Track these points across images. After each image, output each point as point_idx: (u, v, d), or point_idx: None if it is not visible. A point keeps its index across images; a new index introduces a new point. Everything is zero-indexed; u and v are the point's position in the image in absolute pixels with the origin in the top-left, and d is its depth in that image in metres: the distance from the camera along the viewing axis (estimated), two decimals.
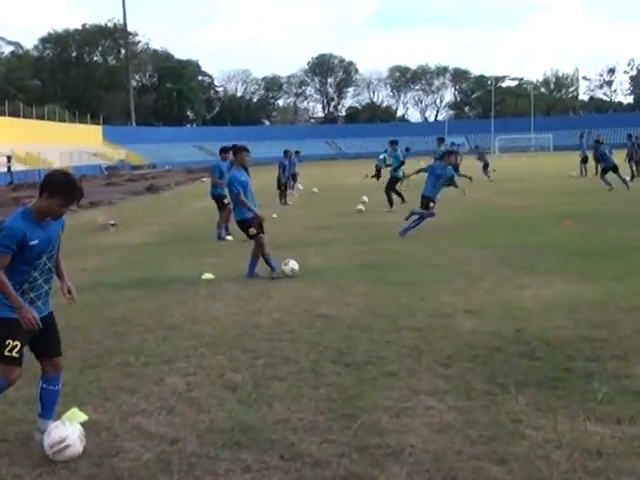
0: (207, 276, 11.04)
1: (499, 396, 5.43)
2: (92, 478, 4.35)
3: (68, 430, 4.61)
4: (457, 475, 4.19)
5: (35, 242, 4.62)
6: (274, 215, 21.05)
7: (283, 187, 26.75)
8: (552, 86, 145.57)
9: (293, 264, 11.00)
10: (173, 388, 5.93)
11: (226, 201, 15.40)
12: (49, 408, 4.96)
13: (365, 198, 24.11)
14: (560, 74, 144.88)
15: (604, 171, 26.69)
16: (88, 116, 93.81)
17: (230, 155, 15.21)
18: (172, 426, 5.10)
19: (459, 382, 5.82)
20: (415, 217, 15.62)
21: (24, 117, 78.01)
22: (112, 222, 20.32)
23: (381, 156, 35.81)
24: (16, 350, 4.65)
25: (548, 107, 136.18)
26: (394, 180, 23.14)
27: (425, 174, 16.05)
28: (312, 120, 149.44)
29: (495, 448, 4.52)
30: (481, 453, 4.46)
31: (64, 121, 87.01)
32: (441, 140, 30.64)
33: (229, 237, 15.89)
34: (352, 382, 5.91)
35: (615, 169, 26.22)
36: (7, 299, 4.61)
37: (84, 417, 5.23)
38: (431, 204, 15.53)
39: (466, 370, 6.11)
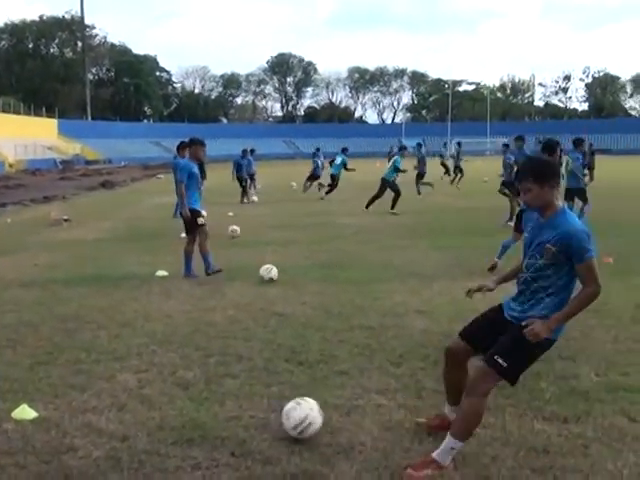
0: (161, 273, 10.98)
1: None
2: (41, 476, 4.31)
3: (305, 409, 4.72)
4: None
5: None
6: (230, 213, 21.02)
7: (244, 184, 26.53)
8: (508, 91, 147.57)
9: (274, 272, 10.61)
10: (124, 385, 5.89)
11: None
12: None
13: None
14: (516, 80, 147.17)
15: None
16: (44, 109, 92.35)
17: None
18: (122, 423, 5.07)
19: (409, 381, 5.89)
20: None
21: None
22: (65, 217, 20.05)
23: (338, 160, 32.87)
24: None
25: (504, 112, 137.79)
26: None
27: None
28: (270, 119, 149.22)
29: None
30: (430, 451, 4.50)
31: (19, 113, 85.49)
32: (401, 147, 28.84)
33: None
34: (304, 380, 5.94)
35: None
36: None
37: (33, 414, 5.18)
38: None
39: (417, 369, 6.19)
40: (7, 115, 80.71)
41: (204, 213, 11.29)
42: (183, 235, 14.90)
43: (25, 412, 5.19)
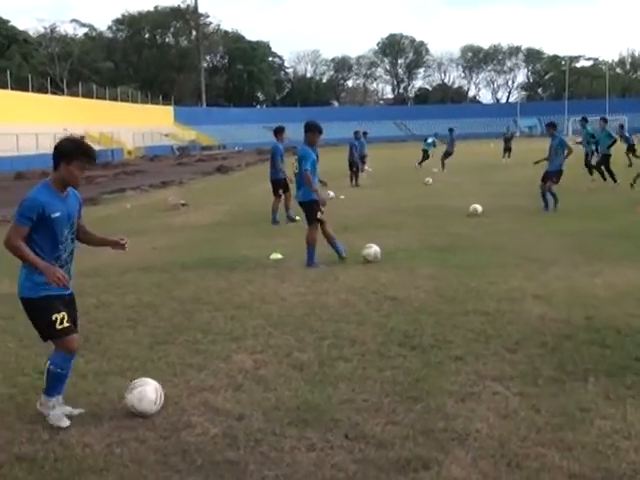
0: (275, 256, 11.13)
1: (567, 384, 5.35)
2: (160, 450, 4.46)
3: (148, 410, 4.99)
4: (522, 462, 4.16)
5: (57, 214, 4.72)
6: (342, 196, 21.09)
7: (355, 168, 26.67)
8: (628, 66, 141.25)
9: (376, 250, 10.75)
10: (240, 366, 6.01)
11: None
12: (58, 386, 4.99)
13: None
14: (636, 54, 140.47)
15: None
16: (160, 97, 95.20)
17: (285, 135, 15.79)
18: (239, 403, 5.18)
19: (526, 368, 5.75)
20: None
21: (97, 98, 79.62)
22: (182, 202, 20.62)
23: (429, 140, 35.50)
24: (65, 320, 4.78)
25: (624, 88, 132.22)
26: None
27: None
28: (381, 101, 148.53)
29: (562, 436, 4.46)
30: (547, 440, 4.40)
31: (136, 102, 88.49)
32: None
33: (297, 217, 15.83)
34: (418, 365, 5.90)
35: None
36: (32, 268, 4.67)
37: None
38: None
39: (534, 356, 6.03)
40: (125, 104, 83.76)
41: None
42: (298, 218, 15.01)
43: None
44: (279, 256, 11.14)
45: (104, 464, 4.31)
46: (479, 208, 16.19)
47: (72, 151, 4.74)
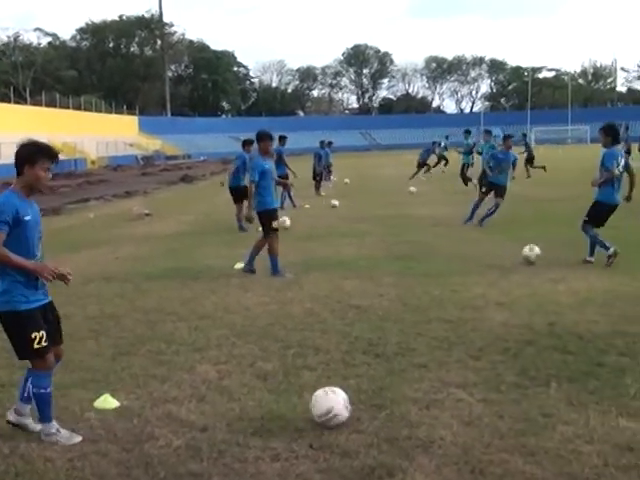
0: (239, 266, 11.07)
1: (530, 390, 5.40)
2: (122, 463, 4.40)
3: (332, 401, 4.80)
4: (486, 468, 4.18)
5: (28, 217, 4.65)
6: (307, 205, 21.12)
7: (318, 177, 26.72)
8: (590, 77, 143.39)
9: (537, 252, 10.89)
10: (204, 376, 5.97)
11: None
12: None
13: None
14: (598, 65, 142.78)
15: None
16: (124, 107, 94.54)
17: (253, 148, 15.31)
18: (203, 414, 5.14)
19: (489, 375, 5.79)
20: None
21: (61, 107, 78.72)
22: (147, 212, 20.48)
23: (442, 143, 36.57)
24: (44, 340, 4.69)
25: (585, 98, 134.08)
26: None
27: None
28: (346, 111, 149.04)
29: (525, 442, 4.50)
30: (510, 446, 4.43)
31: (100, 111, 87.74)
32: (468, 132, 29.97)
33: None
34: (382, 373, 5.91)
35: None
36: (13, 278, 4.60)
37: (115, 403, 5.30)
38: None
39: (497, 363, 6.08)
40: (89, 113, 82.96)
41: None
42: (260, 229, 14.94)
43: (107, 402, 5.32)
44: (243, 266, 11.08)
45: (65, 478, 4.24)
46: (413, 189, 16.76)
47: (34, 153, 4.68)
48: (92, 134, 71.28)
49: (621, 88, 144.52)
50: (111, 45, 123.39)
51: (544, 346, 6.53)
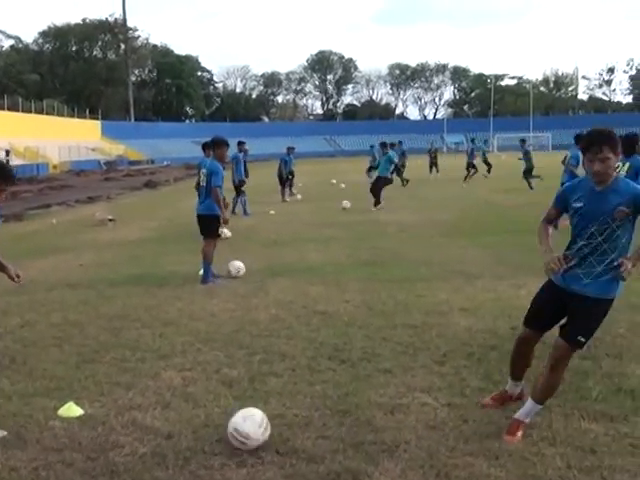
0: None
1: (494, 393, 5.45)
2: (87, 472, 4.37)
3: (252, 433, 4.55)
4: (450, 472, 4.22)
5: None
6: (272, 212, 21.11)
7: (286, 183, 26.62)
8: (551, 85, 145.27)
9: (239, 265, 10.81)
10: (169, 383, 5.95)
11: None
12: None
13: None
14: (560, 73, 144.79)
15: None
16: (87, 111, 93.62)
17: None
18: (168, 421, 5.11)
19: (454, 379, 5.85)
20: None
21: (23, 111, 77.74)
22: (110, 217, 20.30)
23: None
24: None
25: (547, 106, 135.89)
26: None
27: None
28: (311, 117, 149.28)
29: (489, 445, 4.55)
30: (475, 450, 4.48)
31: (63, 116, 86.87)
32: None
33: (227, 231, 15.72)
34: (347, 379, 5.93)
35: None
36: None
37: (80, 411, 5.26)
38: None
39: (461, 368, 6.14)
40: (51, 117, 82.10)
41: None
42: (226, 232, 14.93)
43: (72, 410, 5.27)
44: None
45: None
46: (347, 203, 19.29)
47: None
48: (54, 139, 70.53)
49: (582, 96, 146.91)
50: (74, 49, 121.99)
51: (507, 350, 6.54)
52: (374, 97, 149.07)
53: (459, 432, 4.77)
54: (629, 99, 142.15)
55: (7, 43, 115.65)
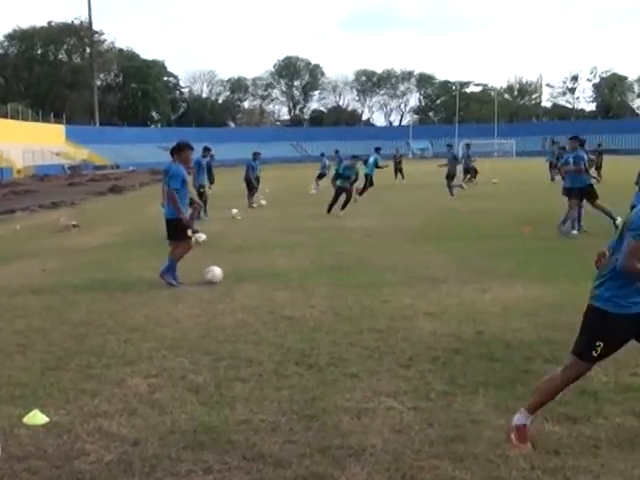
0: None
1: (458, 397, 5.51)
2: None
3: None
4: (416, 475, 4.26)
5: None
6: (239, 217, 21.07)
7: (252, 189, 26.54)
8: (516, 92, 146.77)
9: (217, 271, 10.75)
10: (135, 390, 5.91)
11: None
12: None
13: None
14: (524, 81, 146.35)
15: None
16: (51, 115, 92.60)
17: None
18: (134, 428, 5.09)
19: (419, 383, 5.89)
20: None
21: None
22: (74, 223, 20.09)
23: (371, 160, 34.02)
24: None
25: (511, 113, 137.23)
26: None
27: None
28: (278, 123, 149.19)
29: (454, 448, 4.59)
30: (440, 453, 4.53)
31: (27, 120, 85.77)
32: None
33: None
34: (314, 383, 5.95)
35: None
36: None
37: (45, 419, 5.21)
38: None
39: (426, 371, 6.19)
40: (15, 121, 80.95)
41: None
42: (200, 235, 14.92)
43: (36, 417, 5.22)
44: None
45: None
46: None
47: None
48: (18, 142, 69.51)
49: (546, 103, 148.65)
50: (39, 52, 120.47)
51: (472, 354, 6.67)
52: (340, 103, 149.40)
53: (424, 435, 4.82)
54: (592, 107, 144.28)
55: None
